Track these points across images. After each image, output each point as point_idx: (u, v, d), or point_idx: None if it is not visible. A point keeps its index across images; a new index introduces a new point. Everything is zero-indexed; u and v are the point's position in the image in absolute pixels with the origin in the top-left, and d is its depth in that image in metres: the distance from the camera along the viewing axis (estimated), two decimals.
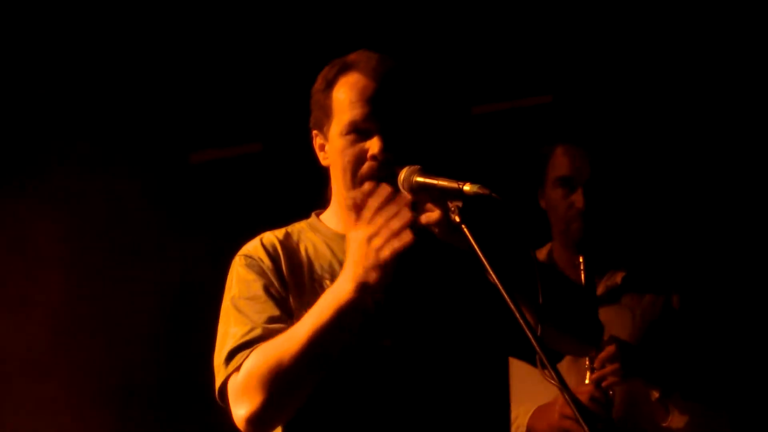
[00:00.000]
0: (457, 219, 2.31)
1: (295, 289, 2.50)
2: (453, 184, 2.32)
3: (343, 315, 2.32)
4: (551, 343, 2.37)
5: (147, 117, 4.17)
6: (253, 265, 2.51)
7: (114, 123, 4.05)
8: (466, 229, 2.29)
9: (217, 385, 2.45)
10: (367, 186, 2.37)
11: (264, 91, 4.23)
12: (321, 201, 2.64)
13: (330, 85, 2.53)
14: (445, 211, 2.35)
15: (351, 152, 2.48)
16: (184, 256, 3.98)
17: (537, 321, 2.23)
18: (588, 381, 3.38)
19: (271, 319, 2.44)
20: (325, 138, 2.55)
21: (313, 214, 2.65)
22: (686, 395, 3.45)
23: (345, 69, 2.52)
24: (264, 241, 2.56)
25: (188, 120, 4.22)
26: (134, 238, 3.97)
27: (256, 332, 2.42)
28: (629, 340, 3.46)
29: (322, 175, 2.61)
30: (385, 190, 2.32)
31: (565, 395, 2.17)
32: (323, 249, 2.56)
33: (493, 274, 2.23)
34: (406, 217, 2.28)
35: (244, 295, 2.48)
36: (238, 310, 2.47)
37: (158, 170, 4.17)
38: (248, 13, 4.21)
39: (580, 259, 3.46)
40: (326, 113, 2.53)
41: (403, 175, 2.40)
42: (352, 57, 2.54)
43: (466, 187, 2.30)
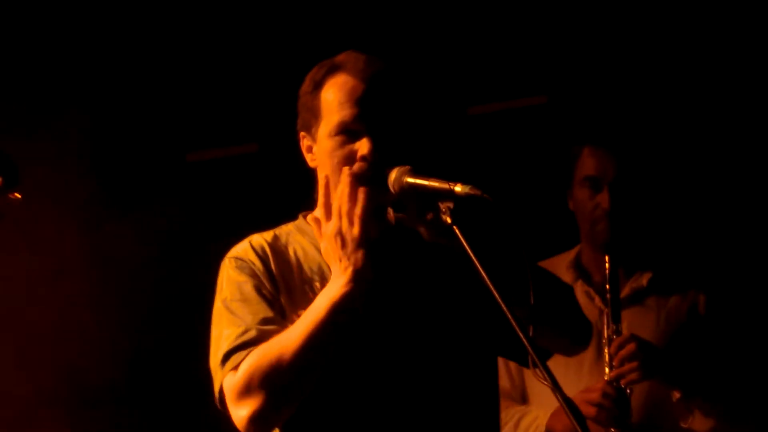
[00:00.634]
0: (449, 220, 2.30)
1: (285, 291, 2.49)
2: (444, 185, 2.31)
3: (338, 311, 2.32)
4: (542, 344, 2.37)
5: (144, 115, 4.17)
6: (244, 267, 2.50)
7: (110, 121, 4.07)
8: (457, 230, 2.28)
9: (216, 388, 2.43)
10: (329, 183, 2.40)
11: (261, 91, 4.22)
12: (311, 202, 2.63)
13: (318, 86, 2.51)
14: (436, 212, 2.34)
15: (340, 153, 2.46)
16: (178, 255, 4.01)
17: (528, 321, 2.22)
18: (606, 378, 3.39)
19: (265, 321, 2.43)
20: (313, 139, 2.53)
21: (300, 216, 2.63)
22: (709, 397, 3.45)
23: (333, 70, 2.51)
24: (253, 243, 2.54)
25: (185, 119, 4.23)
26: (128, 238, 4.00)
27: (251, 334, 2.40)
28: (652, 342, 3.47)
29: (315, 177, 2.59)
30: (344, 182, 2.35)
31: (558, 395, 2.17)
32: (312, 251, 2.55)
33: (484, 275, 2.22)
34: (363, 196, 2.31)
35: (236, 297, 2.47)
36: (231, 312, 2.45)
37: (155, 168, 4.19)
38: (247, 12, 4.22)
39: (606, 259, 3.46)
40: (314, 114, 2.51)
41: (393, 175, 2.39)
42: (340, 58, 2.53)
43: (458, 188, 2.29)
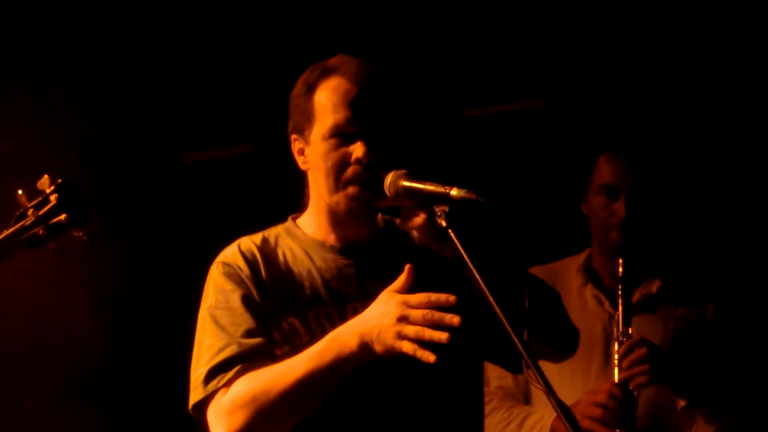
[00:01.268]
0: (444, 223, 2.29)
1: (274, 297, 2.47)
2: (440, 189, 2.31)
3: (342, 365, 2.32)
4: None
5: (140, 116, 4.17)
6: (232, 274, 2.48)
7: (105, 120, 4.07)
8: (452, 233, 2.27)
9: (193, 402, 2.43)
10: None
11: (257, 91, 4.21)
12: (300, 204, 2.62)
13: (311, 89, 2.50)
14: (431, 216, 2.33)
15: (334, 156, 2.45)
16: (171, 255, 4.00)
17: (522, 326, 2.22)
18: (616, 380, 3.37)
19: (248, 333, 2.41)
20: (306, 142, 2.52)
21: (290, 219, 2.62)
22: (714, 406, 3.44)
23: (326, 73, 2.50)
24: (242, 248, 2.52)
25: (180, 119, 4.22)
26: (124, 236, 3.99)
27: (233, 349, 2.39)
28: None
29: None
30: (449, 299, 2.26)
31: (551, 399, 2.17)
32: (301, 255, 2.53)
33: (478, 277, 2.22)
34: (443, 337, 2.22)
35: (221, 305, 2.46)
36: (215, 321, 2.44)
37: (151, 169, 4.18)
38: (243, 11, 4.21)
39: (620, 261, 3.45)
40: (307, 117, 2.50)
41: (389, 179, 2.39)
42: (333, 61, 2.52)
43: (453, 192, 2.29)
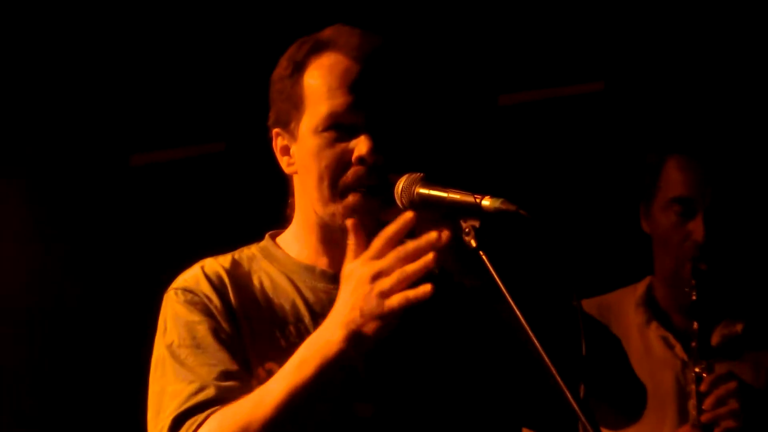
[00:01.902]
0: (473, 243, 2.26)
1: (249, 335, 2.44)
2: (468, 198, 2.28)
3: (327, 371, 2.28)
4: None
5: (84, 116, 4.29)
6: (196, 302, 2.45)
7: (51, 121, 4.21)
8: (484, 256, 2.24)
9: None
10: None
11: (227, 81, 4.29)
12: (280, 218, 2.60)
13: (299, 68, 2.47)
14: (456, 233, 2.29)
15: (330, 154, 2.42)
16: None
17: (578, 379, 2.18)
18: (692, 423, 3.36)
19: (226, 375, 2.37)
20: (293, 137, 2.49)
21: (268, 236, 2.59)
22: None
23: (319, 48, 2.46)
24: (206, 271, 2.49)
25: (129, 119, 4.33)
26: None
27: (209, 393, 2.35)
28: None
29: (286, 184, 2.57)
30: (407, 219, 2.27)
31: None
32: (283, 283, 2.50)
33: (519, 314, 2.19)
34: (428, 260, 2.22)
35: (186, 342, 2.42)
36: (180, 363, 2.40)
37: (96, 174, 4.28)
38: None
39: (695, 327, 3.43)
40: (294, 105, 2.47)
41: (401, 184, 2.35)
42: (328, 33, 2.49)
43: (486, 202, 2.26)
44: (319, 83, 2.44)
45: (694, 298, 3.44)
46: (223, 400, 2.34)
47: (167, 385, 2.40)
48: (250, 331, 2.44)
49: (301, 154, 2.48)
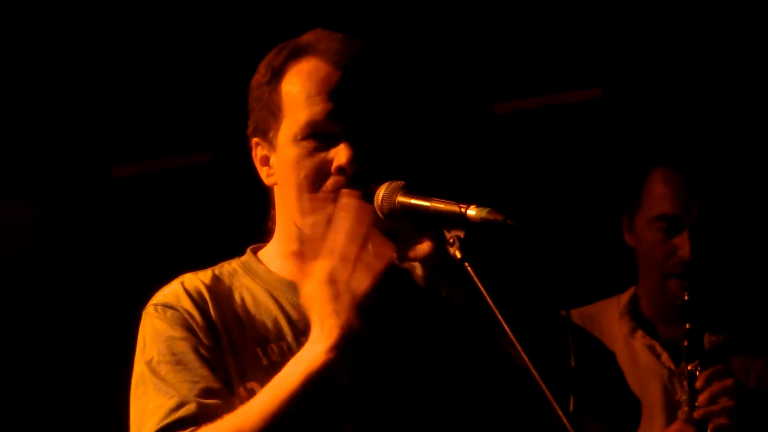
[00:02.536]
0: (458, 254, 2.24)
1: (230, 353, 2.42)
2: (452, 207, 2.26)
3: (317, 387, 2.26)
4: None
5: (65, 127, 4.30)
6: (176, 318, 2.42)
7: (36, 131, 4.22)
8: (469, 268, 2.22)
9: None
10: (321, 199, 2.32)
11: (213, 90, 4.28)
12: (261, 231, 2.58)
13: (278, 74, 2.45)
14: (439, 244, 2.28)
15: (309, 163, 2.40)
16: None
17: (567, 392, 2.16)
18: (683, 419, 3.38)
19: (208, 392, 2.35)
20: (272, 146, 2.47)
21: (249, 251, 2.57)
22: None
23: (298, 53, 2.44)
24: (186, 286, 2.47)
25: (110, 130, 4.33)
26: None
27: (189, 408, 2.33)
28: None
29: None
30: (349, 203, 2.27)
31: None
32: (264, 299, 2.47)
33: (507, 328, 2.17)
34: (372, 231, 2.24)
35: (166, 358, 2.39)
36: (160, 379, 2.38)
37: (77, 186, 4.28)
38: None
39: (687, 327, 3.43)
40: (273, 113, 2.45)
41: (382, 193, 2.33)
42: (307, 38, 2.47)
43: (471, 211, 2.24)
44: (298, 90, 2.42)
45: (687, 299, 3.44)
46: (205, 417, 2.32)
47: (148, 402, 2.38)
48: (232, 350, 2.42)
49: (281, 164, 2.45)
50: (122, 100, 4.32)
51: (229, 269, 2.53)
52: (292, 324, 2.43)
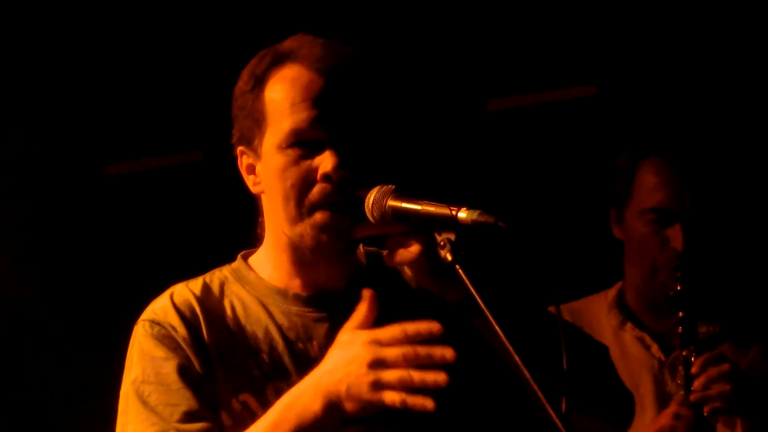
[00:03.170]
0: (449, 257, 2.25)
1: (221, 366, 2.42)
2: (443, 210, 2.27)
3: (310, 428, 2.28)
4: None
5: (58, 125, 4.29)
6: (163, 336, 2.42)
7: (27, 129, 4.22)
8: (461, 271, 2.23)
9: None
10: None
11: (205, 89, 4.26)
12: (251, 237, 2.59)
13: (260, 82, 2.44)
14: (430, 247, 2.29)
15: (295, 172, 2.40)
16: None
17: (559, 393, 2.18)
18: (678, 402, 3.38)
19: (188, 416, 2.36)
20: (257, 155, 2.47)
21: (240, 258, 2.56)
22: None
23: (280, 60, 2.44)
24: (175, 300, 2.46)
25: (104, 128, 4.32)
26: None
27: None
28: None
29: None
30: (431, 329, 2.24)
31: None
32: (255, 309, 2.48)
33: (498, 329, 2.19)
34: (439, 381, 2.20)
35: (149, 378, 2.40)
36: (142, 401, 2.39)
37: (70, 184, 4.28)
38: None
39: (680, 315, 3.43)
40: (257, 121, 2.44)
41: (372, 197, 2.34)
42: (289, 44, 2.46)
43: (462, 214, 2.25)
44: (281, 98, 2.42)
45: (679, 288, 3.44)
46: None
47: (128, 424, 2.40)
48: (222, 362, 2.42)
49: (266, 173, 2.46)
50: (116, 98, 4.32)
51: (221, 276, 2.53)
52: (282, 333, 2.44)
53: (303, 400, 2.27)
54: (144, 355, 2.42)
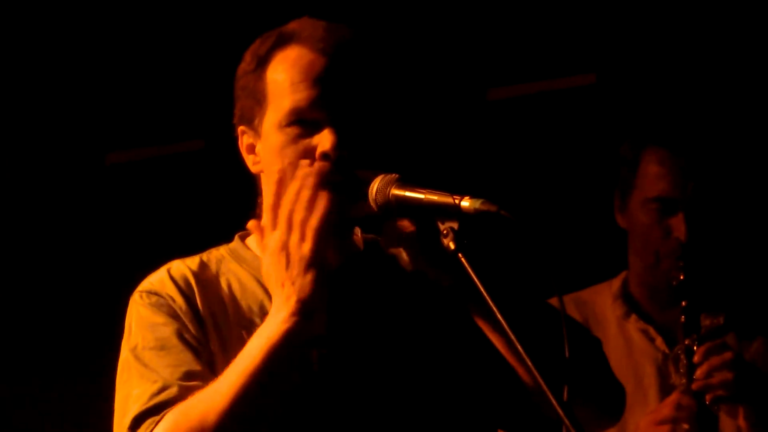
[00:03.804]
0: (452, 245, 2.24)
1: (216, 338, 2.43)
2: (446, 199, 2.27)
3: (279, 355, 2.27)
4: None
5: (59, 113, 4.31)
6: (161, 305, 2.44)
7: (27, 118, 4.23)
8: (463, 259, 2.23)
9: None
10: (281, 181, 2.35)
11: (206, 77, 4.27)
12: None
13: (262, 62, 2.45)
14: (434, 235, 2.28)
15: (294, 150, 2.40)
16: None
17: (561, 382, 2.17)
18: (680, 390, 3.37)
19: (189, 375, 2.37)
20: (257, 134, 2.48)
21: (237, 237, 2.58)
22: None
23: (283, 42, 2.45)
24: (172, 273, 2.48)
25: (105, 116, 4.34)
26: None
27: (171, 392, 2.35)
28: None
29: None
30: (299, 181, 2.31)
31: None
32: (251, 284, 2.49)
33: (501, 318, 2.18)
34: (324, 204, 2.28)
35: (149, 344, 2.41)
36: (143, 365, 2.40)
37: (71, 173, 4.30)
38: None
39: (683, 304, 3.43)
40: (258, 101, 2.46)
41: (376, 186, 2.34)
42: (292, 26, 2.47)
43: (465, 203, 2.25)
44: (282, 78, 2.43)
45: (682, 278, 3.44)
46: (186, 399, 2.34)
47: (132, 388, 2.40)
48: (218, 335, 2.44)
49: (266, 151, 2.47)
50: (117, 86, 4.33)
51: (217, 255, 2.55)
52: None
53: (269, 322, 2.30)
54: (142, 323, 2.44)
